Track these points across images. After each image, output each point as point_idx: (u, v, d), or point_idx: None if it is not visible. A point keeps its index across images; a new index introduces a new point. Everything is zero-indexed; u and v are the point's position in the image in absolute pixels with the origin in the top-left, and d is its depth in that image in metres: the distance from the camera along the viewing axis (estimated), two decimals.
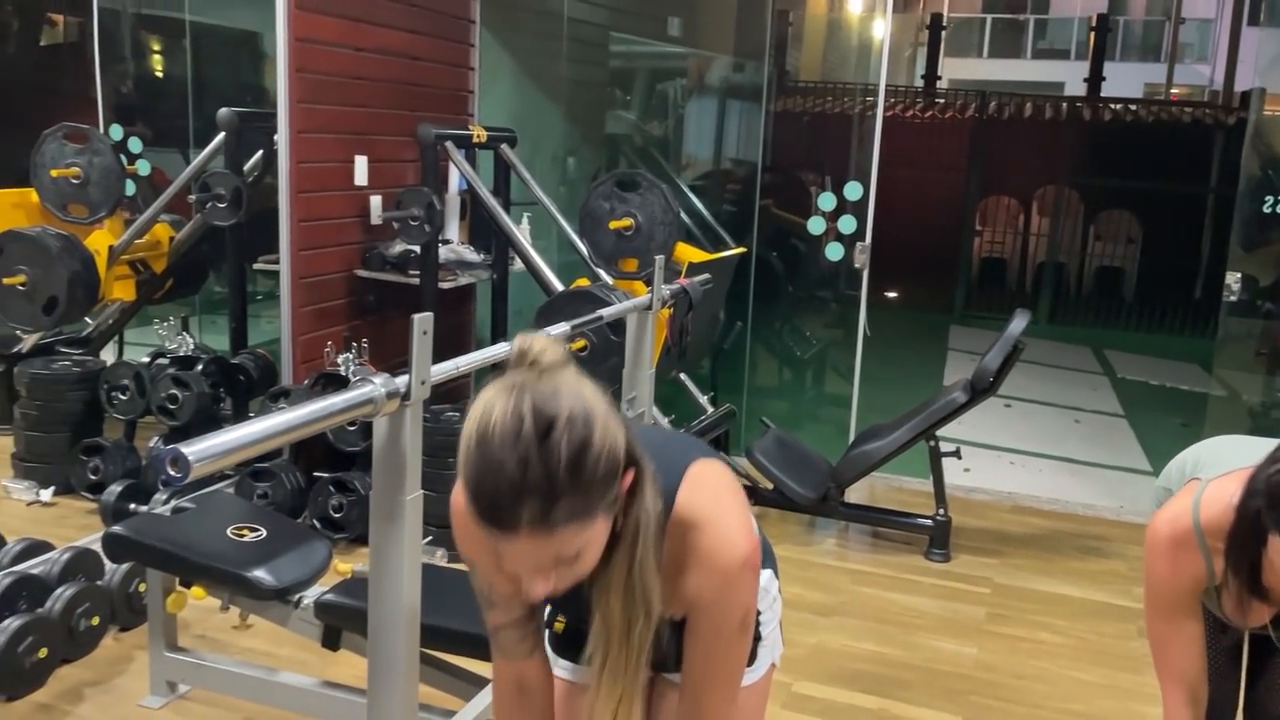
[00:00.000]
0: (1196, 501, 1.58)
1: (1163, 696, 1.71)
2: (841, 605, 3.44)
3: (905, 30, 14.43)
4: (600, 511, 1.10)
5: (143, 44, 5.50)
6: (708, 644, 1.26)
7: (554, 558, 1.09)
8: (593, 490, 1.07)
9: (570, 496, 1.05)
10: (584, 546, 1.10)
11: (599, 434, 1.07)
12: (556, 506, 1.04)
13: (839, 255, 4.62)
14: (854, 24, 9.61)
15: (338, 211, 4.14)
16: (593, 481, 1.06)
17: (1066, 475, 5.16)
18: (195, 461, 1.30)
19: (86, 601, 2.77)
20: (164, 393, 3.70)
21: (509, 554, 1.09)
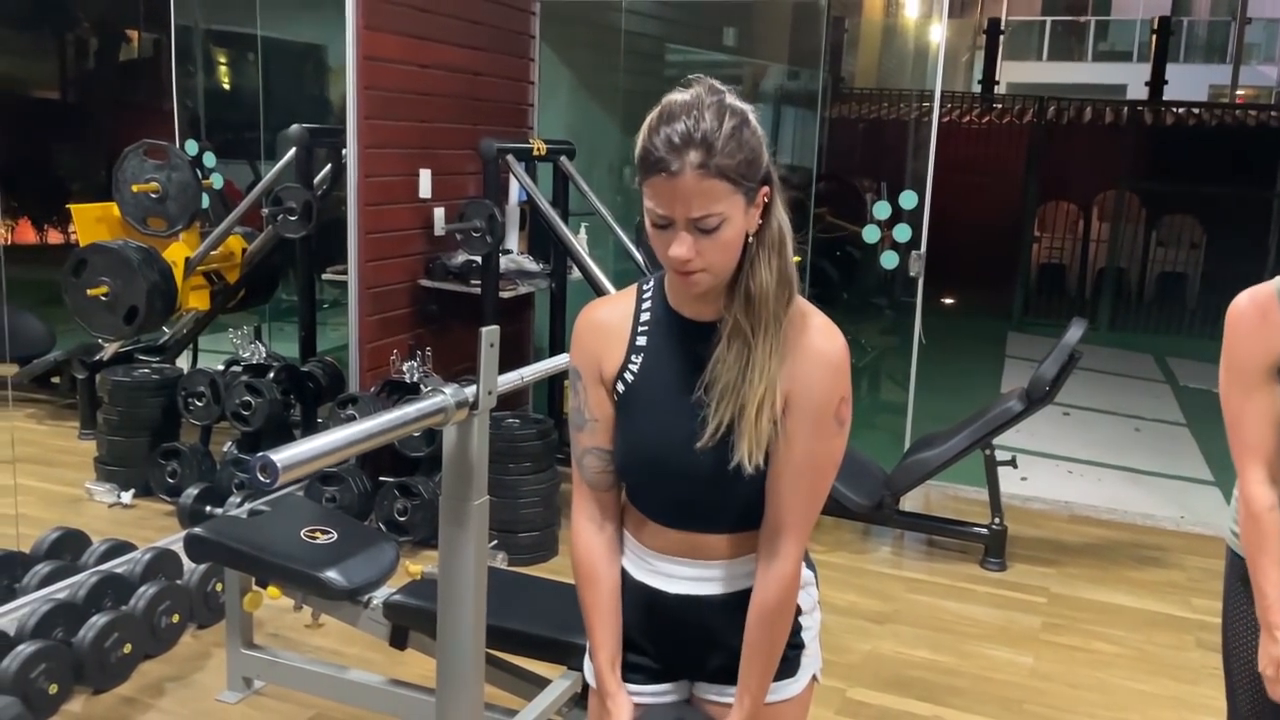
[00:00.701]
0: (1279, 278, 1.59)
1: (1239, 474, 1.66)
2: (896, 613, 3.47)
3: (962, 35, 14.32)
4: (744, 190, 1.24)
5: (215, 59, 5.69)
6: (804, 429, 1.31)
7: (705, 209, 1.22)
8: (746, 159, 1.24)
9: (728, 154, 1.21)
10: (726, 217, 1.23)
11: (755, 124, 1.26)
12: (718, 155, 1.21)
13: (894, 263, 4.64)
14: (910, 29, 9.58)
15: (403, 223, 4.26)
16: (748, 151, 1.24)
17: (1126, 485, 5.12)
18: (284, 468, 1.39)
19: (167, 600, 2.90)
20: (238, 399, 3.85)
21: (669, 196, 1.22)
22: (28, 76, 6.51)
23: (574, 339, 1.44)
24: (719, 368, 1.30)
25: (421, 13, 4.19)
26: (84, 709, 2.64)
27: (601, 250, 4.99)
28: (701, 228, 1.23)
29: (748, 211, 1.26)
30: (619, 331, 1.40)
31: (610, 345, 1.40)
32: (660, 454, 1.36)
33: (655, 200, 1.24)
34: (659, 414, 1.36)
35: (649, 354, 1.37)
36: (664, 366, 1.36)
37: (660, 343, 1.37)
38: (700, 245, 1.24)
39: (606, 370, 1.39)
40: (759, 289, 1.29)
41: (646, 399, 1.37)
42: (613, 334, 1.40)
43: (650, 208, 1.25)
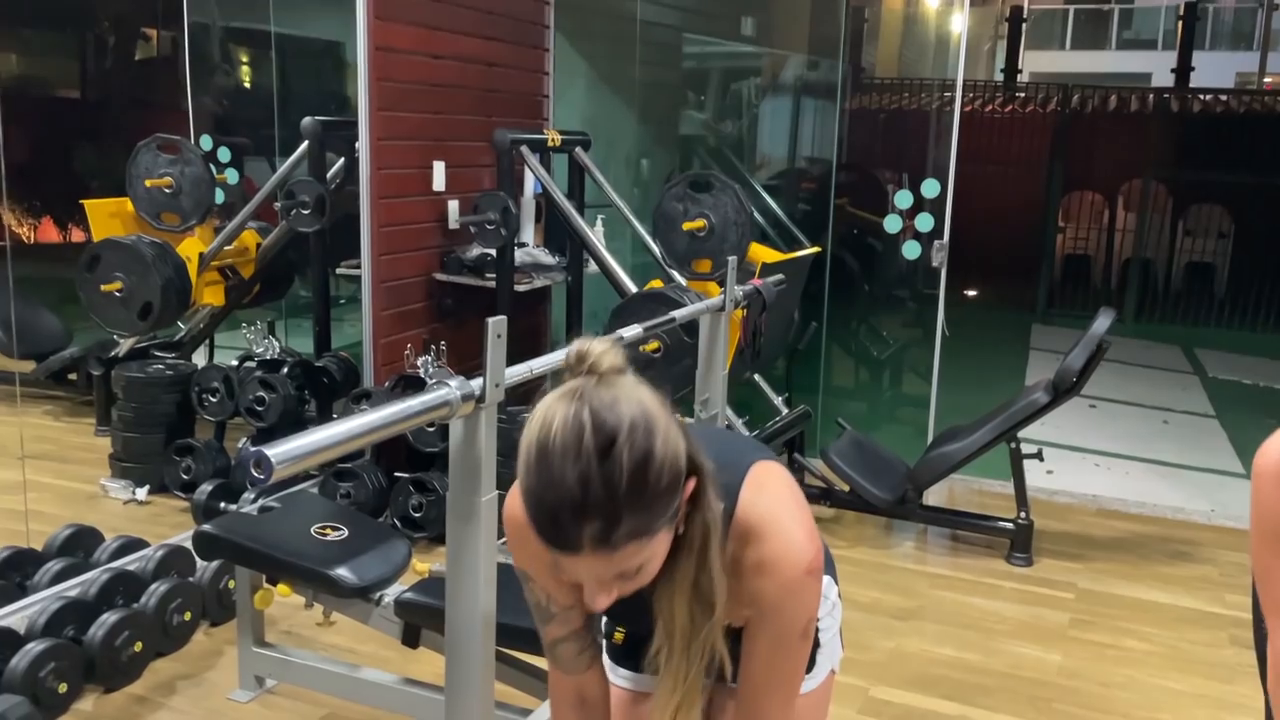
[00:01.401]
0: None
1: (1270, 632, 1.52)
2: (920, 609, 3.40)
3: (984, 23, 14.16)
4: (663, 525, 1.08)
5: (230, 56, 5.68)
6: (768, 649, 1.24)
7: (617, 574, 1.08)
8: (655, 505, 1.05)
9: (632, 514, 1.03)
10: (647, 560, 1.09)
11: (660, 445, 1.04)
12: (619, 526, 1.02)
13: (916, 254, 4.56)
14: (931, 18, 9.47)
15: (417, 217, 4.22)
16: (655, 496, 1.04)
17: (1155, 478, 5.01)
18: (278, 463, 1.34)
19: (179, 597, 2.87)
20: (252, 395, 3.81)
21: (570, 570, 1.08)
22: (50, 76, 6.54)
23: (510, 538, 1.30)
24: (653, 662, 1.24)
25: (434, 2, 4.14)
26: (95, 708, 2.61)
27: (619, 243, 4.94)
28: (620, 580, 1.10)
29: (672, 525, 1.11)
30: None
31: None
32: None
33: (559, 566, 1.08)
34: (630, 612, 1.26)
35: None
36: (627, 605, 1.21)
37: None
38: (621, 586, 1.11)
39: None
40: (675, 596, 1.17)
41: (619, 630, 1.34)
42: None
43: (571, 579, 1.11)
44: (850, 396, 5.78)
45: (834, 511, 4.11)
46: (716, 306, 2.92)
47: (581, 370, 1.08)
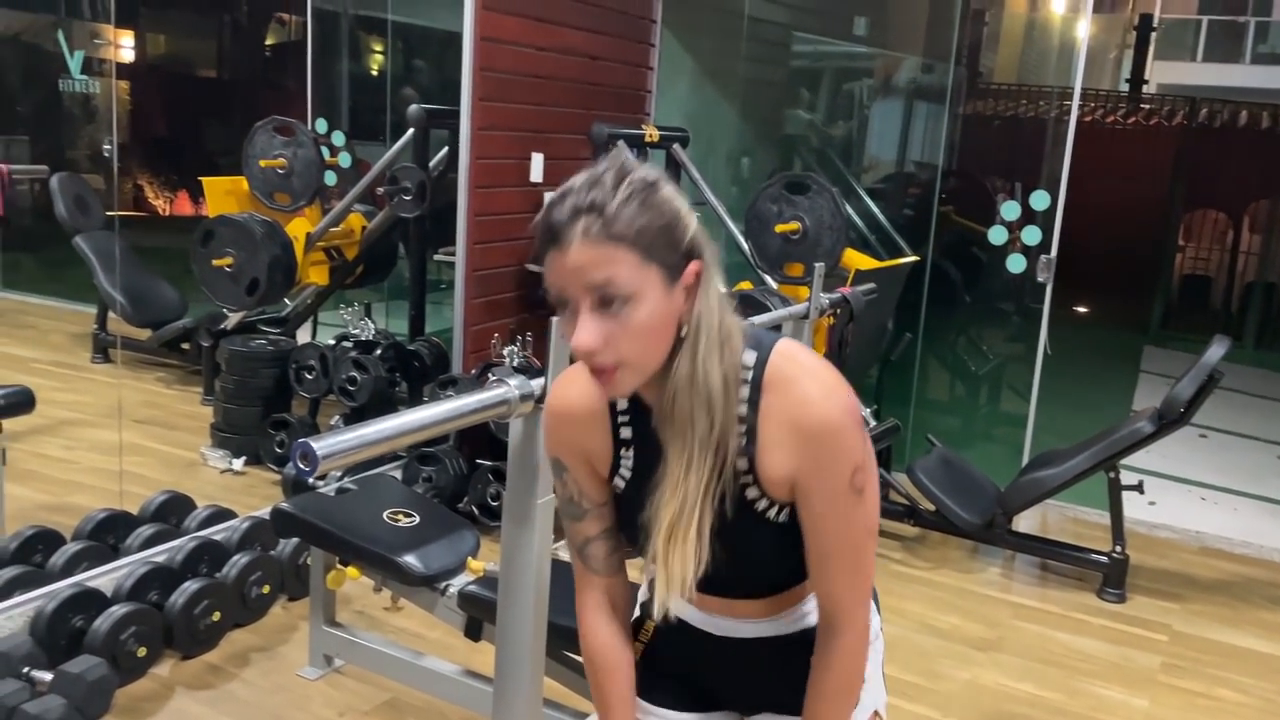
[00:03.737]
0: None
1: None
2: (1000, 640, 3.27)
3: (1112, 31, 13.62)
4: (659, 263, 1.08)
5: (351, 43, 5.81)
6: (822, 507, 1.17)
7: (601, 274, 1.06)
8: (652, 228, 1.07)
9: (626, 220, 1.06)
10: (635, 293, 1.07)
11: (668, 191, 1.10)
12: (615, 221, 1.06)
13: (1020, 268, 4.40)
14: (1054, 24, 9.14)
15: (513, 207, 4.24)
16: (654, 219, 1.08)
17: (1265, 516, 4.75)
18: (323, 457, 1.34)
19: (259, 570, 2.94)
20: (345, 374, 3.89)
21: (562, 269, 1.08)
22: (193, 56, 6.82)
23: (547, 429, 1.30)
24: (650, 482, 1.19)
25: None
26: (170, 673, 2.69)
27: (715, 239, 4.89)
28: (605, 302, 1.07)
29: (670, 291, 1.10)
30: (598, 419, 1.26)
31: (593, 433, 1.26)
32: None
33: (550, 276, 1.10)
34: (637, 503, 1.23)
35: (638, 446, 1.23)
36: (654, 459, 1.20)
37: (641, 431, 1.23)
38: (609, 331, 1.08)
39: (596, 457, 1.27)
40: (675, 392, 1.13)
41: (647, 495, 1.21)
42: (593, 422, 1.26)
43: (549, 288, 1.11)
44: (944, 411, 5.62)
45: (917, 531, 3.99)
46: (800, 314, 2.86)
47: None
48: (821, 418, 1.14)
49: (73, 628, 2.55)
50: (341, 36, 5.69)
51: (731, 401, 1.15)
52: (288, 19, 6.41)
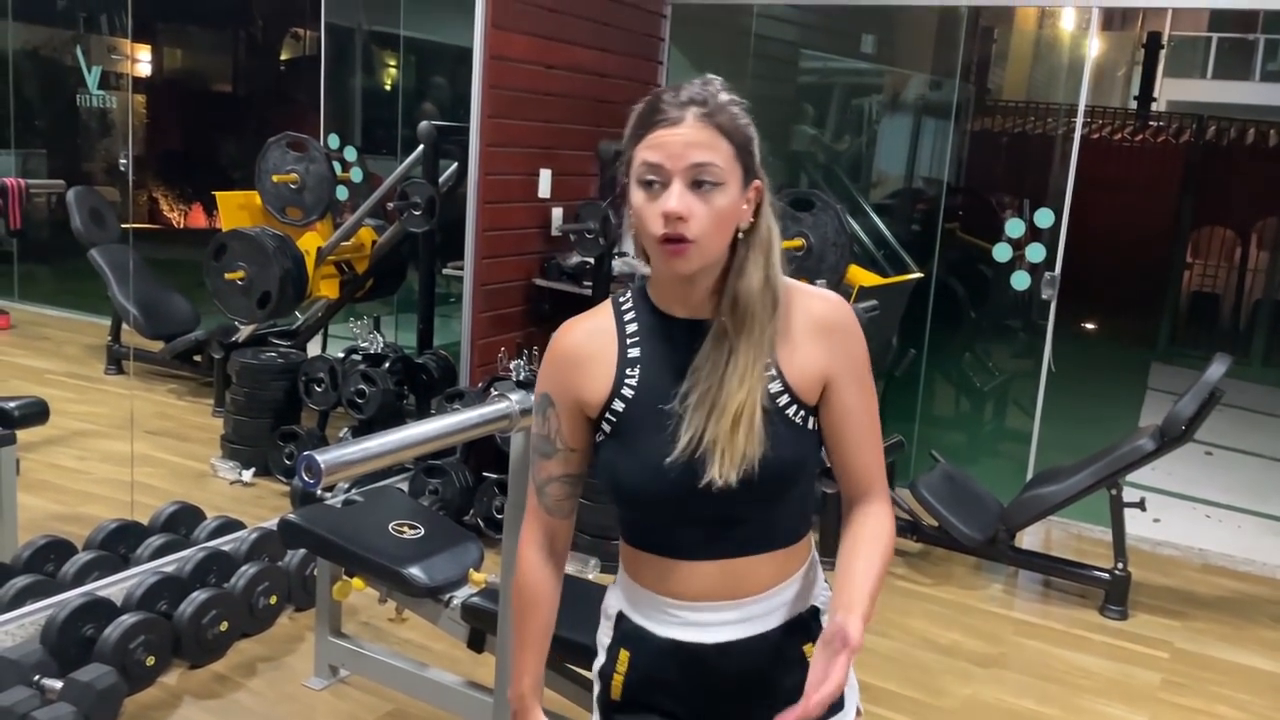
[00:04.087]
0: None
1: None
2: (1002, 656, 3.29)
3: (1121, 49, 13.64)
4: (741, 164, 1.21)
5: (364, 58, 5.87)
6: (856, 392, 1.29)
7: (706, 157, 1.17)
8: (744, 135, 1.21)
9: (730, 119, 1.19)
10: (724, 179, 1.18)
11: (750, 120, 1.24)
12: (723, 114, 1.19)
13: (1025, 285, 4.42)
14: (1062, 41, 9.17)
15: (521, 222, 4.29)
16: (747, 129, 1.22)
17: (1270, 534, 4.75)
18: (327, 469, 1.38)
19: (267, 581, 2.98)
20: (353, 387, 3.94)
21: (667, 144, 1.17)
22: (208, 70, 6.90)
23: (546, 363, 1.33)
24: (697, 374, 1.23)
25: (550, 13, 4.20)
26: (178, 682, 2.72)
27: None
28: (698, 182, 1.17)
29: (743, 194, 1.22)
30: (603, 351, 1.28)
31: (593, 369, 1.28)
32: (661, 474, 1.22)
33: (652, 153, 1.17)
34: (663, 427, 1.23)
35: (645, 364, 1.27)
36: (665, 373, 1.25)
37: (655, 349, 1.27)
38: (693, 207, 1.17)
39: (590, 396, 1.28)
40: (745, 291, 1.23)
41: (653, 410, 1.24)
42: (596, 357, 1.28)
43: (644, 166, 1.18)
44: (949, 427, 5.64)
45: (920, 547, 4.01)
46: None
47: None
48: (842, 314, 1.30)
49: (83, 636, 2.59)
50: (355, 52, 5.76)
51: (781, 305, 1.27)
52: (303, 34, 6.48)
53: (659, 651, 1.30)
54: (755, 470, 1.21)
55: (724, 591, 1.28)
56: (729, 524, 1.26)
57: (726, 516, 1.25)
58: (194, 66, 6.88)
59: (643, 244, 1.23)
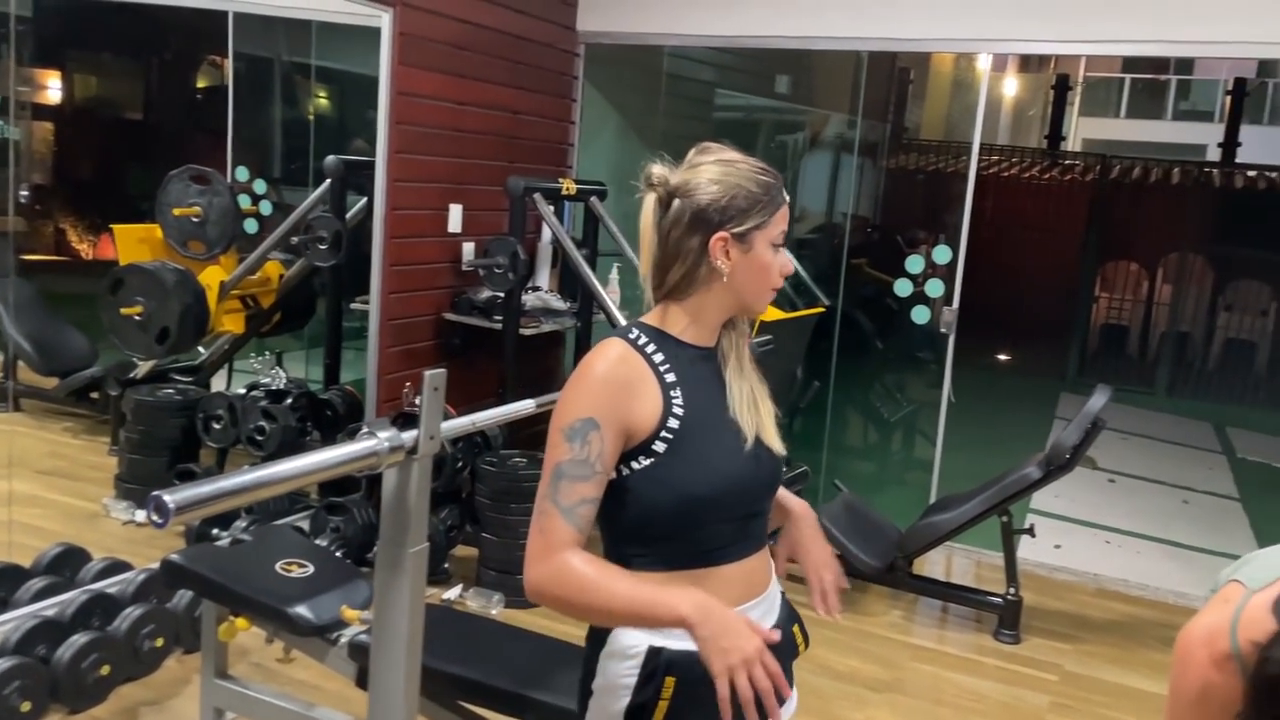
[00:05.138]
0: (1235, 619, 1.35)
1: None
2: (898, 682, 3.35)
3: (1037, 89, 14.12)
4: None
5: (275, 88, 5.84)
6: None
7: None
8: None
9: None
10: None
11: None
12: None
13: (924, 319, 4.54)
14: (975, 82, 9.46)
15: (430, 257, 4.30)
16: None
17: (1166, 559, 4.90)
18: (175, 508, 1.37)
19: (152, 623, 2.92)
20: (253, 424, 3.89)
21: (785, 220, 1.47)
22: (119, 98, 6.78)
23: (589, 387, 1.39)
24: (734, 384, 1.48)
25: (460, 51, 4.24)
26: None
27: (637, 290, 4.96)
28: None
29: None
30: (646, 378, 1.41)
31: (643, 395, 1.40)
32: (737, 471, 1.43)
33: (780, 224, 1.45)
34: (722, 434, 1.44)
35: (685, 387, 1.43)
36: (703, 393, 1.44)
37: (686, 372, 1.44)
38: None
39: (643, 418, 1.39)
40: (741, 321, 1.53)
41: (706, 425, 1.43)
42: (642, 383, 1.40)
43: (781, 233, 1.45)
44: (855, 456, 5.74)
45: None
46: None
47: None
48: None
49: None
50: (267, 82, 5.72)
51: None
52: (220, 61, 6.42)
53: (693, 679, 1.35)
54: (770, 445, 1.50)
55: (748, 592, 1.47)
56: (753, 517, 1.48)
57: (756, 510, 1.49)
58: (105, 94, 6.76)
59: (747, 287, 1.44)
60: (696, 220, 1.41)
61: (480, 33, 4.32)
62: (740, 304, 1.46)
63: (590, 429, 1.37)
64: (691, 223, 1.41)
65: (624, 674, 1.41)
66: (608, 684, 1.43)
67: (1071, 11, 4.14)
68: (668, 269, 1.44)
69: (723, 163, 1.44)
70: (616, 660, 1.42)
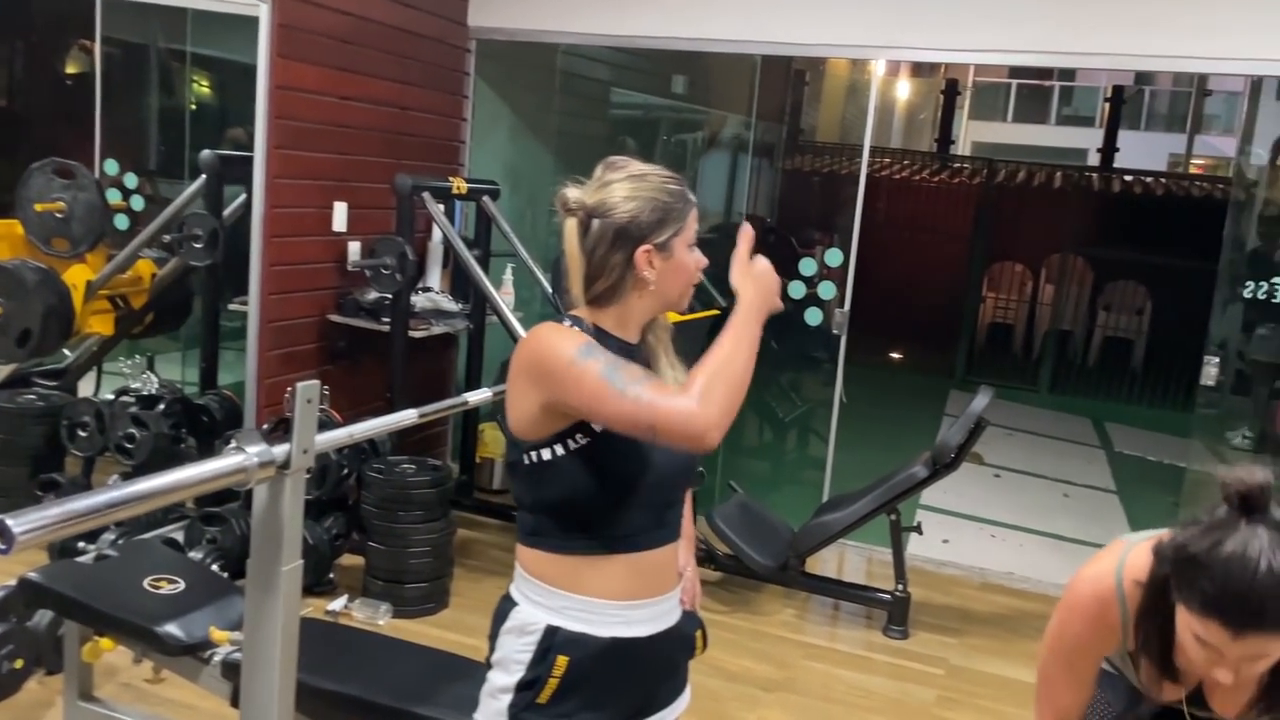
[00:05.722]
0: (1120, 563, 1.52)
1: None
2: (789, 680, 3.37)
3: (928, 94, 14.49)
4: None
5: (148, 76, 5.58)
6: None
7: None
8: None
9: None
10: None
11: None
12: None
13: (817, 321, 4.59)
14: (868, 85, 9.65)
15: (313, 257, 4.16)
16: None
17: (1049, 552, 5.06)
18: (20, 534, 1.28)
19: (9, 644, 2.75)
20: (122, 431, 3.71)
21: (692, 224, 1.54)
22: None
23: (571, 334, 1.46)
24: (667, 373, 1.56)
25: (344, 44, 4.12)
26: None
27: (529, 292, 4.91)
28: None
29: None
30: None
31: None
32: (661, 458, 1.48)
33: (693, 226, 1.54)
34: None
35: None
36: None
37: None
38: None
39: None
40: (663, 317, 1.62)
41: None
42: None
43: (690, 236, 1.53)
44: (752, 456, 5.79)
45: (719, 576, 4.08)
46: None
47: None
48: None
49: None
50: (139, 69, 5.47)
51: None
52: (89, 46, 6.12)
53: (599, 650, 1.48)
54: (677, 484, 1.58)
55: (661, 584, 1.55)
56: (670, 506, 1.55)
57: (673, 499, 1.56)
58: None
59: (671, 290, 1.52)
60: (619, 238, 1.47)
61: (365, 26, 4.20)
62: (664, 304, 1.55)
63: (593, 348, 1.42)
64: (614, 241, 1.47)
65: (520, 649, 1.49)
66: (504, 657, 1.51)
67: (961, 21, 4.23)
68: (595, 282, 1.50)
69: (634, 178, 1.49)
70: (514, 636, 1.50)
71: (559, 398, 1.41)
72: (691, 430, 1.33)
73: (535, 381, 1.43)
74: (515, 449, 1.50)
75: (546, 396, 1.42)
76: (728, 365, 1.40)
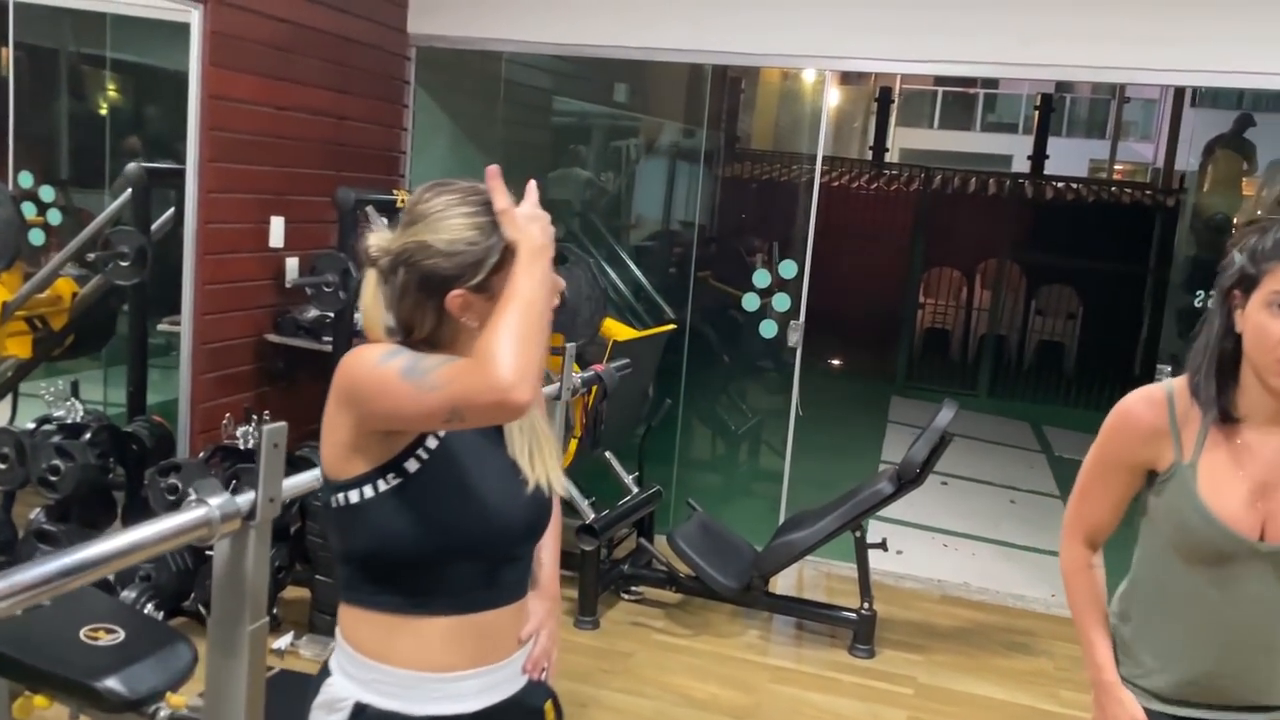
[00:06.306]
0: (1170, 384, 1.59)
1: (1064, 537, 1.75)
2: (757, 706, 3.28)
3: (859, 101, 14.62)
4: None
5: (67, 83, 5.30)
6: None
7: None
8: None
9: None
10: None
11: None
12: None
13: (772, 333, 4.53)
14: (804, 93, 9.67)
15: (249, 274, 3.97)
16: None
17: (999, 559, 5.06)
18: None
19: None
20: (45, 463, 3.47)
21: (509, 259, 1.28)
22: None
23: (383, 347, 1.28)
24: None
25: (280, 52, 3.94)
26: None
27: None
28: None
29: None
30: None
31: None
32: (495, 506, 1.34)
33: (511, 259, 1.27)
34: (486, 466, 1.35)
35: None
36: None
37: None
38: None
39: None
40: None
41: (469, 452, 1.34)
42: None
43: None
44: (707, 470, 5.71)
45: (680, 598, 3.98)
46: (553, 395, 2.78)
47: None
48: None
49: None
50: (55, 76, 5.18)
51: None
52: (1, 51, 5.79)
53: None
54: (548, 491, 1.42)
55: (490, 652, 1.37)
56: (506, 563, 1.38)
57: (510, 555, 1.38)
58: None
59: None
60: (424, 286, 1.28)
61: (301, 33, 4.03)
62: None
63: (399, 351, 1.26)
64: (420, 290, 1.28)
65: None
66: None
67: (905, 31, 4.23)
68: (411, 330, 1.32)
69: (437, 216, 1.28)
70: (324, 712, 1.37)
71: (366, 410, 1.26)
72: (492, 397, 1.17)
73: (344, 403, 1.28)
74: (325, 490, 1.34)
75: (355, 414, 1.27)
76: (520, 317, 1.20)
